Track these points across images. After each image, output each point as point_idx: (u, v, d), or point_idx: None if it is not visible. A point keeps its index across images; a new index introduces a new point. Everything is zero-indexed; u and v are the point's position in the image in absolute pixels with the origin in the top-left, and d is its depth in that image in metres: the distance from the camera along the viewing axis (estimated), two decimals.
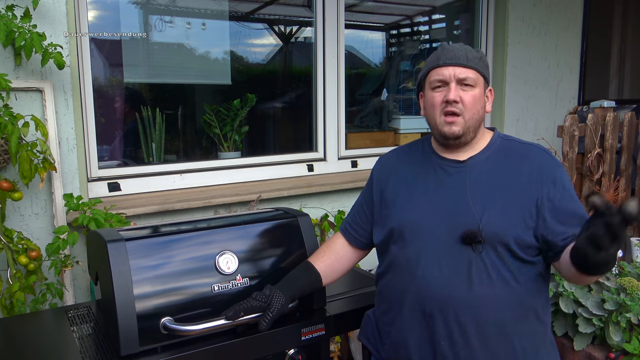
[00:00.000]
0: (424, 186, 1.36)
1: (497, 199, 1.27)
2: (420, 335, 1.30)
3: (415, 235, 1.32)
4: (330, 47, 2.91)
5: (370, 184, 1.51)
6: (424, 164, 1.40)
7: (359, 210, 1.53)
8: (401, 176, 1.42)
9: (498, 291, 1.24)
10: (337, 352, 2.41)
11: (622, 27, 4.96)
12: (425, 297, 1.28)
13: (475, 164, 1.33)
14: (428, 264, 1.29)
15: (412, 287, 1.31)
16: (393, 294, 1.37)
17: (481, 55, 1.34)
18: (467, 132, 1.31)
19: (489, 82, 1.36)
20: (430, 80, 1.34)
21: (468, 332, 1.24)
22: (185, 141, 3.48)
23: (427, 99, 1.36)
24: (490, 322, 1.24)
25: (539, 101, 3.64)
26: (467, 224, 1.26)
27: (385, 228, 1.40)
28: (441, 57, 1.32)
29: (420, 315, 1.29)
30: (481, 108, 1.33)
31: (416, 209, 1.34)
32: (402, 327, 1.34)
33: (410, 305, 1.31)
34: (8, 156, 1.82)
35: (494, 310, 1.24)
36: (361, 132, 3.45)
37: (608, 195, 2.98)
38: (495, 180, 1.30)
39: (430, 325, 1.28)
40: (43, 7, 1.94)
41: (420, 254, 1.30)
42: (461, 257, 1.26)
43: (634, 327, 1.87)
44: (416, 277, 1.30)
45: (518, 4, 3.44)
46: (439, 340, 1.27)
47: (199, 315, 1.30)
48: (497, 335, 1.25)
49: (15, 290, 1.81)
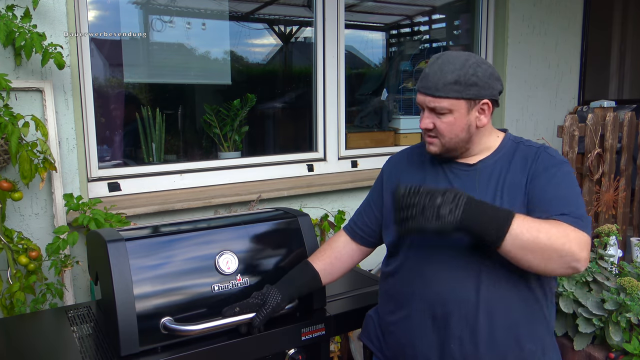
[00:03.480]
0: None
1: (504, 201, 1.27)
2: (428, 337, 1.30)
3: (426, 238, 1.31)
4: (330, 47, 2.91)
5: (380, 184, 1.51)
6: (434, 167, 1.39)
7: (366, 209, 1.52)
8: (411, 178, 1.42)
9: (508, 293, 1.24)
10: (337, 352, 2.41)
11: (622, 26, 4.96)
12: (435, 300, 1.28)
13: (485, 167, 1.33)
14: (438, 266, 1.28)
15: (422, 290, 1.30)
16: (402, 294, 1.37)
17: (458, 78, 1.24)
18: (452, 150, 1.32)
19: (479, 98, 1.27)
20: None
21: (478, 335, 1.24)
22: (185, 141, 3.49)
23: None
24: (500, 325, 1.24)
25: (539, 101, 3.64)
26: None
27: (396, 230, 1.38)
28: (419, 80, 1.31)
29: (429, 317, 1.29)
30: (462, 130, 1.28)
31: None
32: (409, 328, 1.34)
33: (419, 307, 1.31)
34: (8, 156, 1.82)
35: (504, 313, 1.24)
36: (361, 132, 3.45)
37: (608, 195, 2.98)
38: (502, 183, 1.30)
39: (439, 327, 1.28)
40: (43, 7, 1.94)
41: (430, 256, 1.30)
42: (471, 260, 1.25)
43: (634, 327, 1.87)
44: (426, 280, 1.29)
45: (518, 3, 3.44)
46: (447, 343, 1.27)
47: (199, 315, 1.30)
48: (507, 337, 1.25)
49: (15, 290, 1.81)
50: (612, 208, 3.02)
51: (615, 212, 3.03)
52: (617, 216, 3.04)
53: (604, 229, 2.05)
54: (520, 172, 1.30)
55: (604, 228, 2.05)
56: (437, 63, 1.28)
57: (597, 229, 2.07)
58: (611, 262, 2.02)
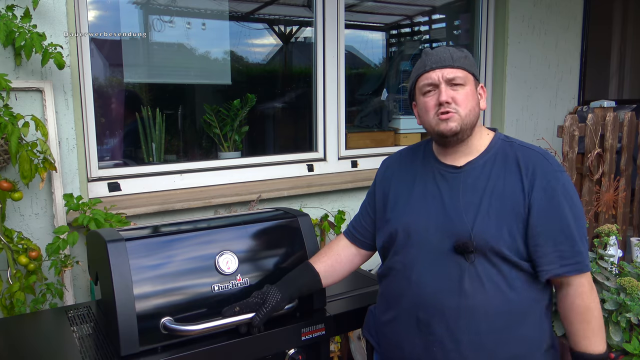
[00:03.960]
0: (422, 192, 1.37)
1: (491, 205, 1.26)
2: (414, 339, 1.31)
3: (411, 241, 1.33)
4: (330, 47, 2.91)
5: (374, 186, 1.53)
6: (424, 169, 1.40)
7: (363, 212, 1.54)
8: (402, 180, 1.43)
9: (491, 299, 1.24)
10: (337, 352, 2.41)
11: (622, 26, 4.96)
12: (420, 303, 1.29)
13: (473, 169, 1.32)
14: (422, 270, 1.30)
15: (408, 292, 1.32)
16: (391, 296, 1.39)
17: (466, 54, 1.34)
18: (465, 129, 1.31)
19: (479, 80, 1.37)
20: (419, 87, 1.34)
21: (460, 339, 1.24)
22: (185, 141, 3.49)
23: (420, 105, 1.36)
24: (483, 330, 1.24)
25: (539, 101, 3.64)
26: (458, 233, 1.26)
27: (386, 232, 1.41)
28: (427, 62, 1.32)
29: (415, 320, 1.31)
30: (476, 105, 1.33)
31: (413, 214, 1.35)
32: (397, 329, 1.36)
33: (406, 309, 1.33)
34: (8, 156, 1.82)
35: (486, 318, 1.24)
36: (361, 132, 3.45)
37: (608, 195, 2.98)
38: (490, 186, 1.28)
39: (423, 330, 1.29)
40: (43, 7, 1.94)
41: (415, 260, 1.32)
42: (453, 265, 1.26)
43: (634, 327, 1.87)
44: (412, 283, 1.31)
45: (518, 3, 3.44)
46: (431, 346, 1.28)
47: (199, 315, 1.30)
48: (490, 342, 1.24)
49: (15, 290, 1.81)
50: (612, 208, 3.02)
51: (615, 212, 3.03)
52: (617, 216, 3.04)
53: (604, 229, 2.04)
54: (514, 176, 1.27)
55: (604, 228, 2.04)
56: (436, 48, 1.34)
57: (597, 229, 2.06)
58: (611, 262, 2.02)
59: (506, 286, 1.24)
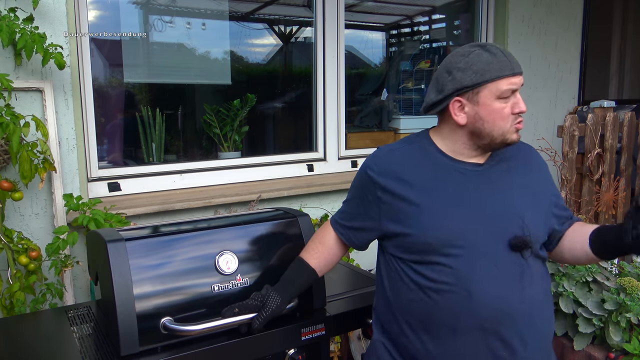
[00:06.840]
0: (451, 195, 1.25)
1: (526, 199, 1.27)
2: (478, 352, 1.21)
3: (459, 251, 1.20)
4: (330, 47, 2.91)
5: (370, 193, 1.34)
6: (438, 168, 1.28)
7: (357, 217, 1.39)
8: (416, 185, 1.27)
9: (543, 293, 1.26)
10: (337, 352, 2.41)
11: (622, 26, 4.96)
12: (484, 314, 1.19)
13: (492, 166, 1.29)
14: (481, 278, 1.19)
15: (468, 306, 1.20)
16: (439, 317, 1.23)
17: None
18: None
19: None
20: (498, 89, 1.20)
21: (527, 340, 1.21)
22: (185, 141, 3.49)
23: (490, 108, 1.22)
24: (540, 325, 1.25)
25: (539, 101, 3.64)
26: (511, 230, 1.22)
27: (413, 248, 1.26)
28: (512, 64, 1.21)
29: (479, 332, 1.20)
30: None
31: (453, 221, 1.22)
32: (455, 348, 1.23)
33: (466, 324, 1.21)
34: (8, 156, 1.82)
35: (541, 313, 1.25)
36: (361, 132, 3.45)
37: (608, 195, 2.98)
38: (516, 181, 1.28)
39: (489, 340, 1.20)
40: (43, 7, 1.94)
41: (470, 270, 1.20)
42: (512, 265, 1.20)
43: (634, 327, 1.87)
44: (471, 295, 1.19)
45: (518, 4, 3.44)
46: (499, 354, 1.21)
47: (199, 315, 1.30)
48: (545, 336, 1.27)
49: (15, 290, 1.81)
50: (612, 208, 3.02)
51: (615, 212, 3.03)
52: (617, 216, 3.04)
53: None
54: (523, 165, 1.33)
55: None
56: (501, 48, 1.24)
57: None
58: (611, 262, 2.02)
59: (547, 276, 1.28)
